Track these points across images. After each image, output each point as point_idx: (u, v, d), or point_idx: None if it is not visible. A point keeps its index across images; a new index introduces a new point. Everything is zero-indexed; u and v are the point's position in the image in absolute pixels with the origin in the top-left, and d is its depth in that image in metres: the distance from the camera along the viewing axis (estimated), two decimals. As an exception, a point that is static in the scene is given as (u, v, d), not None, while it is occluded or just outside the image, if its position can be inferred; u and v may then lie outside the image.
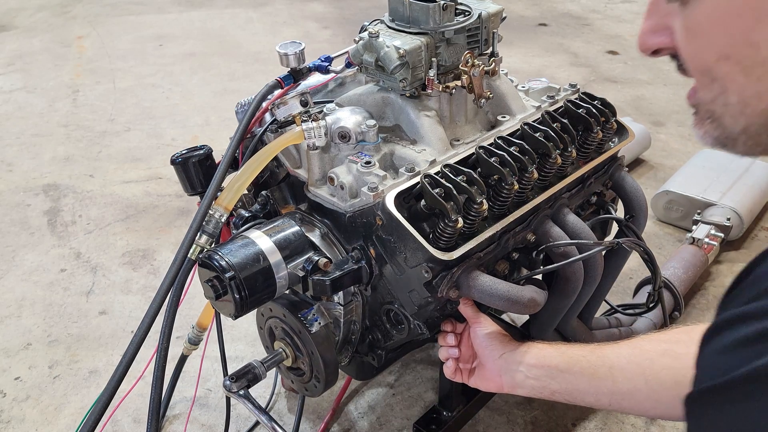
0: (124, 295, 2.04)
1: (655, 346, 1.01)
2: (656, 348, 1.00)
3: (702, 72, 0.60)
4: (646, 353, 1.00)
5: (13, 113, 3.29)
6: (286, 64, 1.28)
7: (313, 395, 1.30)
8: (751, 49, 0.55)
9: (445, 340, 1.20)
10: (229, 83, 3.55)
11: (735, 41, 0.56)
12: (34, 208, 2.51)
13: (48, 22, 4.58)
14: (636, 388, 0.98)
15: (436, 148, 1.18)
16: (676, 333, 1.01)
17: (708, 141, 0.63)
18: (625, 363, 1.01)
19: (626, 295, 1.92)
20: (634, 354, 1.01)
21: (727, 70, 0.57)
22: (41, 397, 1.69)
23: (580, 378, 1.04)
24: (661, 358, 0.97)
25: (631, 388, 0.98)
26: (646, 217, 1.40)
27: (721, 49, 0.57)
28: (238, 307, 1.10)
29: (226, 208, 1.16)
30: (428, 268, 1.05)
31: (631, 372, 0.99)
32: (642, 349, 1.01)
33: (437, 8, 1.15)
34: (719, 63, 0.58)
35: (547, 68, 3.56)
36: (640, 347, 1.02)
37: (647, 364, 0.98)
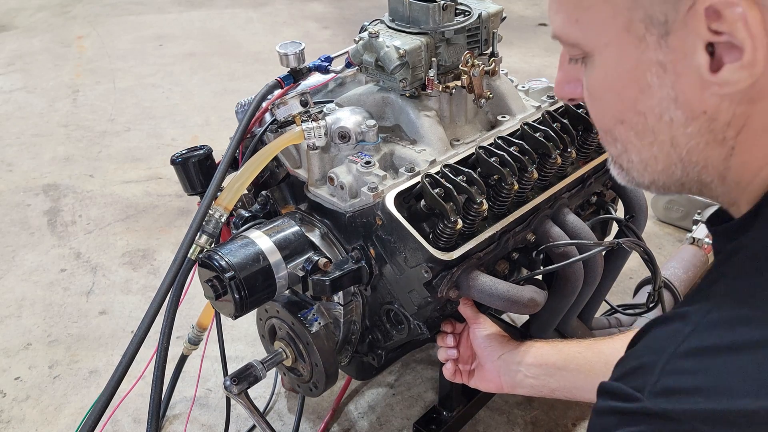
0: (124, 295, 2.04)
1: None
2: None
3: (604, 131, 0.63)
4: None
5: (13, 113, 3.29)
6: (286, 64, 1.28)
7: (313, 395, 1.30)
8: (640, 117, 0.58)
9: (444, 341, 1.20)
10: (229, 83, 3.55)
11: (626, 108, 0.58)
12: (34, 208, 2.51)
13: (48, 22, 4.57)
14: None
15: (436, 148, 1.18)
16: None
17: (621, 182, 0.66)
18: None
19: (626, 295, 1.92)
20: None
21: (624, 133, 0.60)
22: (41, 397, 1.69)
23: (577, 375, 1.04)
24: None
25: None
26: (646, 217, 1.40)
27: (615, 114, 0.60)
28: (238, 307, 1.10)
29: (226, 208, 1.16)
30: (428, 268, 1.05)
31: None
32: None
33: (437, 8, 1.15)
34: (617, 126, 0.61)
35: (547, 68, 3.56)
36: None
37: None
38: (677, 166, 0.59)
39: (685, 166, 0.58)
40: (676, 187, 0.62)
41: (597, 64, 0.59)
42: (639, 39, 0.54)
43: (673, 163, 0.59)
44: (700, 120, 0.55)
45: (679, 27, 0.52)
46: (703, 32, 0.51)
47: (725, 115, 0.54)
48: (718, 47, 0.51)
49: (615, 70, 0.58)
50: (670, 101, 0.55)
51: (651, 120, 0.57)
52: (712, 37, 0.51)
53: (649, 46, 0.54)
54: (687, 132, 0.56)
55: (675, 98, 0.55)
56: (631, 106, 0.58)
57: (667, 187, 0.62)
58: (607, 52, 0.58)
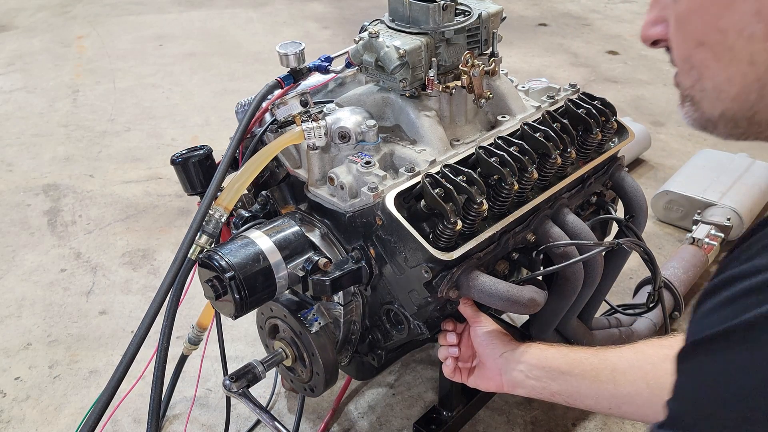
0: (124, 295, 2.04)
1: (658, 351, 1.00)
2: (658, 353, 1.00)
3: (683, 59, 0.64)
4: (649, 357, 1.00)
5: (13, 113, 3.29)
6: (286, 64, 1.28)
7: (313, 395, 1.30)
8: (721, 35, 0.58)
9: (445, 339, 1.20)
10: (229, 83, 3.55)
11: (708, 28, 0.59)
12: (34, 208, 2.51)
13: (48, 22, 4.58)
14: (637, 392, 0.98)
15: (436, 148, 1.18)
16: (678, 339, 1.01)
17: (689, 122, 0.66)
18: (628, 366, 1.00)
19: (626, 295, 1.92)
20: (636, 358, 1.01)
21: (702, 56, 0.61)
22: (41, 397, 1.69)
23: (581, 380, 1.04)
24: (663, 363, 0.97)
25: (633, 391, 0.98)
26: (646, 217, 1.40)
27: (697, 37, 0.60)
28: (238, 307, 1.10)
29: (226, 208, 1.16)
30: (428, 268, 1.05)
31: (633, 376, 0.99)
32: (645, 354, 1.01)
33: (437, 8, 1.15)
34: (696, 50, 0.61)
35: (547, 68, 3.56)
36: (643, 351, 1.02)
37: (649, 368, 0.98)
38: (753, 87, 0.58)
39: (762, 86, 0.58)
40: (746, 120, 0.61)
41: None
42: None
43: (749, 84, 0.58)
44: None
45: None
46: None
47: None
48: None
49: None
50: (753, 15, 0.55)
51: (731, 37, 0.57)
52: None
53: None
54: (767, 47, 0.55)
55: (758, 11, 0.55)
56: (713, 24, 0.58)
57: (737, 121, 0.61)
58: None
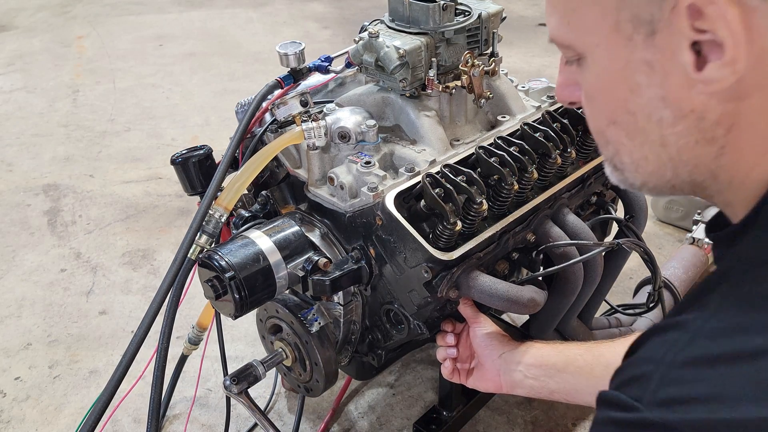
0: (124, 295, 2.04)
1: None
2: None
3: (597, 133, 0.64)
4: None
5: (13, 113, 3.29)
6: (286, 64, 1.28)
7: (313, 395, 1.30)
8: (630, 116, 0.58)
9: (444, 340, 1.19)
10: (229, 83, 3.55)
11: (617, 108, 0.59)
12: (34, 208, 2.51)
13: (48, 22, 4.57)
14: None
15: (436, 148, 1.18)
16: None
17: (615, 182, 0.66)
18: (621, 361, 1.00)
19: (626, 295, 1.92)
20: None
21: (615, 134, 0.61)
22: (41, 397, 1.69)
23: (577, 377, 1.04)
24: None
25: None
26: (646, 217, 1.40)
27: (608, 115, 0.61)
28: (238, 307, 1.10)
29: (226, 208, 1.16)
30: (428, 268, 1.05)
31: None
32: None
33: (437, 8, 1.15)
34: (609, 127, 0.61)
35: (547, 68, 3.56)
36: None
37: None
38: (667, 166, 0.59)
39: (676, 166, 0.59)
40: (668, 189, 0.62)
41: (589, 64, 0.60)
42: (627, 39, 0.55)
43: (663, 164, 0.59)
44: (689, 119, 0.55)
45: (665, 26, 0.52)
46: (687, 31, 0.51)
47: (713, 113, 0.54)
48: (704, 46, 0.52)
49: (606, 71, 0.58)
50: (659, 100, 0.55)
51: (641, 120, 0.58)
52: (696, 36, 0.51)
53: (637, 45, 0.54)
54: (676, 131, 0.56)
55: (663, 97, 0.55)
56: (621, 106, 0.58)
57: (659, 189, 0.63)
58: (598, 53, 0.58)
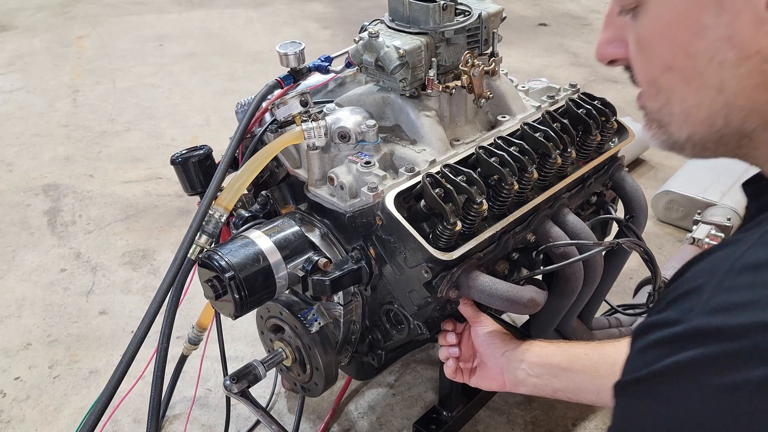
0: (124, 295, 2.04)
1: None
2: None
3: (649, 83, 0.63)
4: None
5: (13, 113, 3.29)
6: (286, 64, 1.28)
7: (313, 395, 1.30)
8: (690, 60, 0.57)
9: (445, 340, 1.20)
10: (229, 83, 3.55)
11: (676, 53, 0.58)
12: (34, 208, 2.51)
13: (48, 22, 4.57)
14: None
15: (435, 148, 1.18)
16: None
17: (656, 144, 0.65)
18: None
19: (626, 295, 1.92)
20: None
21: (670, 81, 0.60)
22: (41, 397, 1.69)
23: (582, 376, 1.04)
24: None
25: None
26: (646, 217, 1.40)
27: (664, 61, 0.59)
28: (238, 307, 1.10)
29: (226, 208, 1.16)
30: (428, 268, 1.05)
31: None
32: None
33: (437, 8, 1.15)
34: (664, 74, 0.60)
35: (547, 68, 3.56)
36: None
37: None
38: (720, 113, 0.58)
39: (729, 113, 0.57)
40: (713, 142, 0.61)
41: (650, 9, 0.59)
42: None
43: (717, 110, 0.58)
44: (753, 60, 0.54)
45: None
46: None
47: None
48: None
49: (669, 14, 0.57)
50: (724, 41, 0.54)
51: (701, 63, 0.56)
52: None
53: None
54: (737, 73, 0.55)
55: (730, 37, 0.54)
56: (682, 50, 0.57)
57: (704, 143, 0.61)
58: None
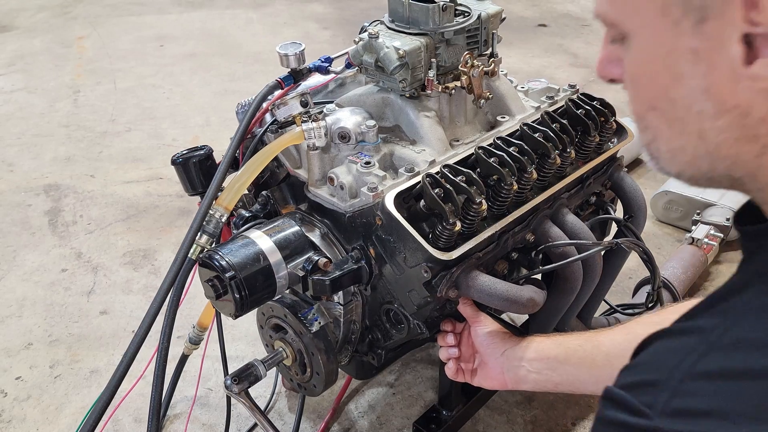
0: (125, 295, 2.04)
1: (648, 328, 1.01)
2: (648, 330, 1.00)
3: (637, 117, 0.62)
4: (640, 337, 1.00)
5: (13, 113, 3.30)
6: (287, 65, 1.29)
7: (313, 395, 1.30)
8: (671, 104, 0.56)
9: (444, 340, 1.20)
10: (230, 84, 3.55)
11: (658, 95, 0.57)
12: (35, 208, 2.51)
13: (48, 22, 4.58)
14: None
15: (435, 149, 1.19)
16: (666, 312, 1.01)
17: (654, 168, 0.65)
18: (621, 349, 1.01)
19: (626, 295, 1.93)
20: (628, 339, 1.02)
21: (655, 120, 0.59)
22: (42, 396, 1.70)
23: (579, 368, 1.04)
24: None
25: None
26: (645, 217, 1.40)
27: (648, 100, 0.59)
28: (238, 306, 1.11)
29: (226, 208, 1.17)
30: (428, 267, 1.05)
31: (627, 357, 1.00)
32: (636, 334, 1.01)
33: (437, 9, 1.15)
34: (649, 113, 0.59)
35: (546, 69, 3.56)
36: (634, 332, 1.03)
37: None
38: (704, 159, 0.57)
39: (713, 161, 0.56)
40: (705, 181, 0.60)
41: (633, 45, 0.58)
42: (675, 23, 0.53)
43: (700, 156, 0.57)
44: (732, 114, 0.53)
45: (717, 14, 0.50)
46: (739, 22, 0.49)
47: (759, 111, 0.52)
48: (756, 39, 0.49)
49: (650, 54, 0.56)
50: (701, 92, 0.53)
51: (680, 109, 0.55)
52: (749, 28, 0.49)
53: (684, 31, 0.52)
54: (716, 125, 0.54)
55: (706, 89, 0.53)
56: (662, 92, 0.56)
57: (696, 180, 0.60)
58: (643, 34, 0.57)
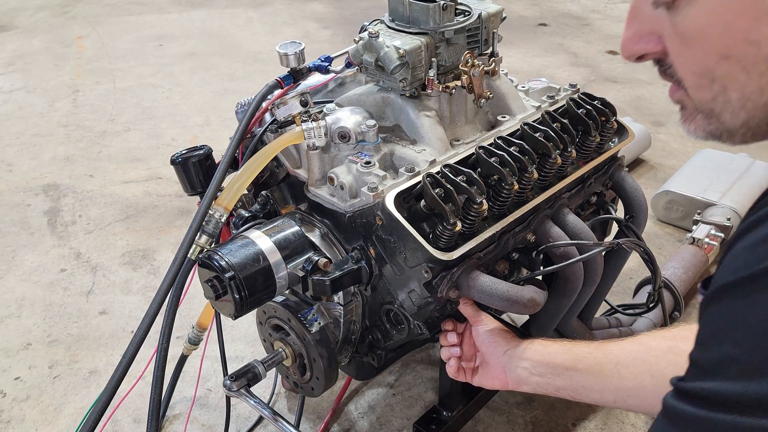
0: (124, 295, 2.04)
1: (660, 342, 1.01)
2: (661, 345, 1.00)
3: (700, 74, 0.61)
4: (652, 350, 1.00)
5: (13, 113, 3.30)
6: (286, 64, 1.28)
7: (313, 395, 1.30)
8: (752, 47, 0.55)
9: (446, 340, 1.20)
10: (229, 83, 3.55)
11: (735, 41, 0.56)
12: (34, 208, 2.51)
13: (48, 22, 4.58)
14: (642, 384, 0.98)
15: (435, 148, 1.18)
16: (680, 330, 1.01)
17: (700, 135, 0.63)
18: (631, 360, 1.01)
19: (626, 295, 1.92)
20: (639, 350, 1.01)
21: (727, 69, 0.58)
22: (41, 397, 1.69)
23: (586, 375, 1.04)
24: (666, 355, 0.97)
25: (637, 384, 0.98)
26: (646, 217, 1.40)
27: (720, 50, 0.57)
28: (238, 307, 1.10)
29: (226, 208, 1.16)
30: (428, 268, 1.05)
31: (637, 369, 0.99)
32: (647, 346, 1.01)
33: (437, 8, 1.15)
34: (719, 63, 0.58)
35: (547, 68, 3.56)
36: (646, 344, 1.02)
37: (653, 361, 0.98)
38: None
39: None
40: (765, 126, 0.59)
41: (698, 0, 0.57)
42: None
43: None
44: None
45: None
46: None
47: None
48: None
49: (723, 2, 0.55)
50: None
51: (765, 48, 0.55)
52: None
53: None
54: None
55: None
56: (741, 37, 0.55)
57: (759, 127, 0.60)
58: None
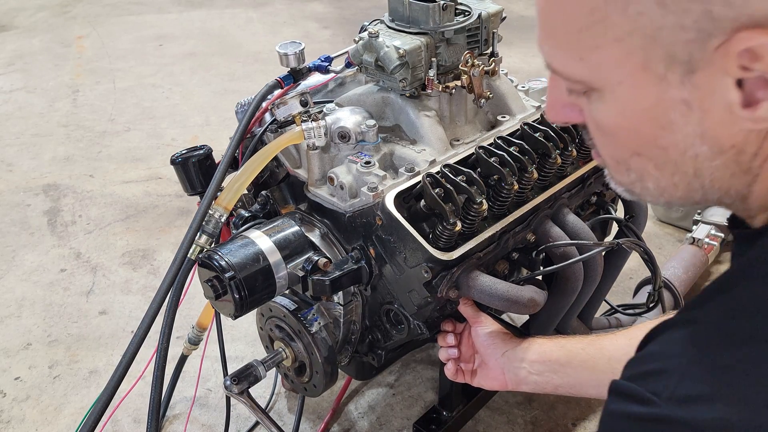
0: (124, 295, 2.04)
1: None
2: None
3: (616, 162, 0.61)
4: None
5: (13, 113, 3.29)
6: (286, 64, 1.28)
7: (313, 395, 1.30)
8: (661, 150, 0.56)
9: (444, 341, 1.20)
10: (229, 83, 3.55)
11: (644, 143, 0.57)
12: (34, 208, 2.51)
13: (48, 22, 4.57)
14: None
15: (435, 148, 1.18)
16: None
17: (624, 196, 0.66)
18: (623, 354, 1.00)
19: (626, 295, 1.92)
20: (631, 344, 1.01)
21: (640, 164, 0.59)
22: (41, 397, 1.69)
23: (581, 371, 1.04)
24: None
25: None
26: (646, 217, 1.40)
27: (632, 149, 0.58)
28: (238, 306, 1.10)
29: (225, 208, 1.16)
30: (428, 268, 1.05)
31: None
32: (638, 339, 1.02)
33: (437, 8, 1.15)
34: (633, 158, 0.59)
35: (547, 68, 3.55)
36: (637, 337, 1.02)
37: None
38: (698, 192, 0.58)
39: (706, 192, 0.58)
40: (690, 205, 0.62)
41: (608, 100, 0.56)
42: (659, 78, 0.52)
43: (694, 190, 0.58)
44: (728, 153, 0.54)
45: (706, 65, 0.50)
46: (733, 70, 0.49)
47: (753, 146, 0.53)
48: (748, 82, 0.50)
49: (631, 108, 0.55)
50: (696, 137, 0.54)
51: (673, 154, 0.56)
52: (742, 74, 0.49)
53: (671, 84, 0.52)
54: (713, 165, 0.55)
55: (701, 134, 0.53)
56: (650, 141, 0.56)
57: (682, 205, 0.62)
58: (621, 90, 0.55)
